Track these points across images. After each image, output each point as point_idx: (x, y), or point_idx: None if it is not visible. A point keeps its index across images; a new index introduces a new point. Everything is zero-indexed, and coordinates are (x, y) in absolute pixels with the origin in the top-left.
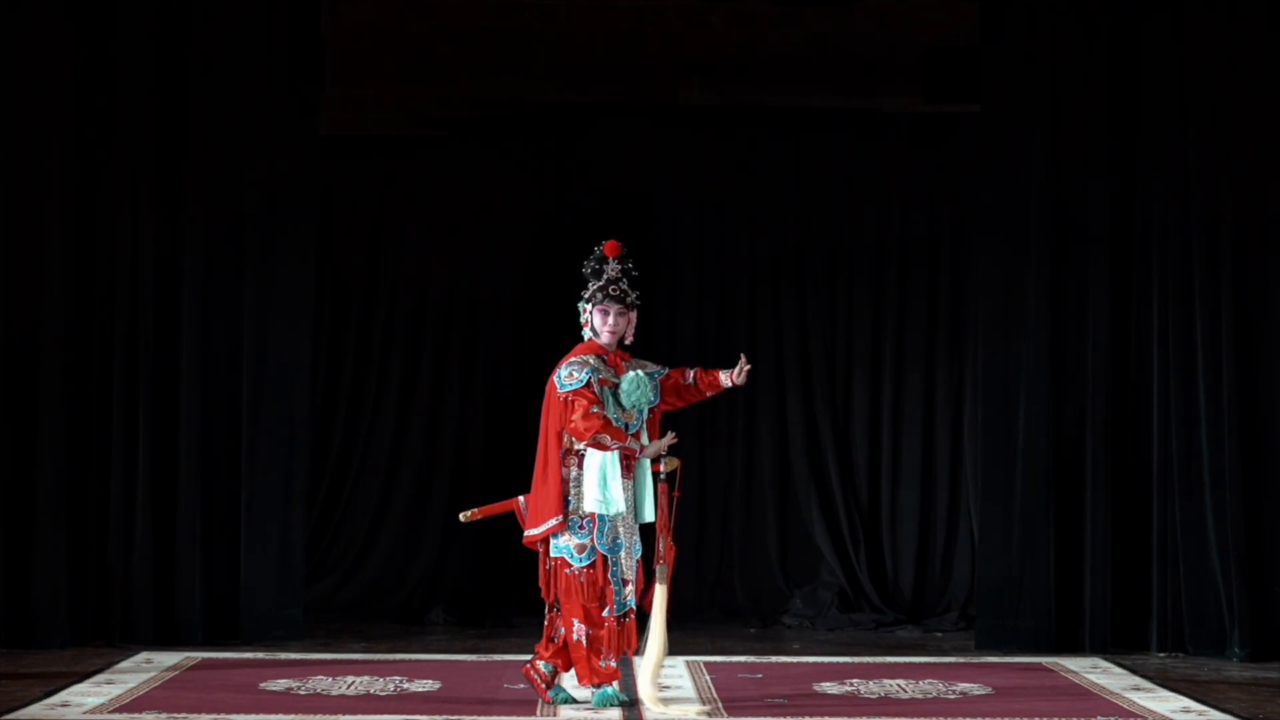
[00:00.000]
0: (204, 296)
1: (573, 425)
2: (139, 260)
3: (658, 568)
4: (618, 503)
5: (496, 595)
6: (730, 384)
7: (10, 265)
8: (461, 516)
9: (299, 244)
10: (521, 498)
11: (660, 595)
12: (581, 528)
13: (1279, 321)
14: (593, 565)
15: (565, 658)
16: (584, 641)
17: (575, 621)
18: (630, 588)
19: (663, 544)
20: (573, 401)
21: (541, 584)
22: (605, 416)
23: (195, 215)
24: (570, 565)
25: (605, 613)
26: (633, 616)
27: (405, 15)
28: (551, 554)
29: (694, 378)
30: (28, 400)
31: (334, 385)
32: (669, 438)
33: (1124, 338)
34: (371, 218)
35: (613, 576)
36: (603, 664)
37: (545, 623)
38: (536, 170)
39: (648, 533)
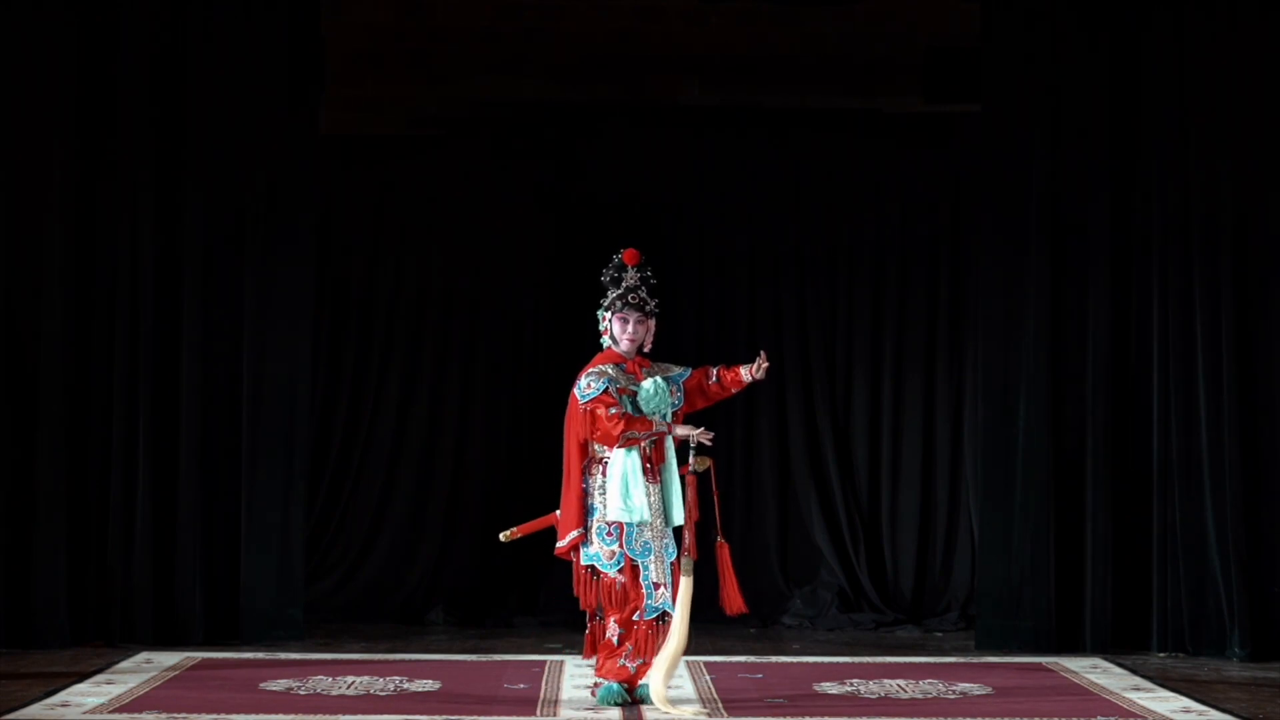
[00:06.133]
0: (204, 296)
1: (599, 434)
2: (139, 260)
3: (683, 560)
4: (640, 510)
5: (496, 595)
6: (751, 379)
7: (10, 265)
8: (501, 536)
9: (299, 244)
10: (558, 511)
11: (685, 587)
12: (610, 534)
13: (1279, 321)
14: (622, 571)
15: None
16: (614, 640)
17: (612, 622)
18: (662, 590)
19: (688, 537)
20: (592, 411)
21: (578, 593)
22: (625, 414)
23: (195, 215)
24: (602, 573)
25: (635, 617)
26: (668, 619)
27: (405, 15)
28: (582, 562)
29: (716, 375)
30: (28, 400)
31: (334, 385)
32: (700, 431)
33: (1124, 338)
34: (371, 218)
35: (643, 581)
36: (620, 663)
37: (587, 632)
38: (536, 170)
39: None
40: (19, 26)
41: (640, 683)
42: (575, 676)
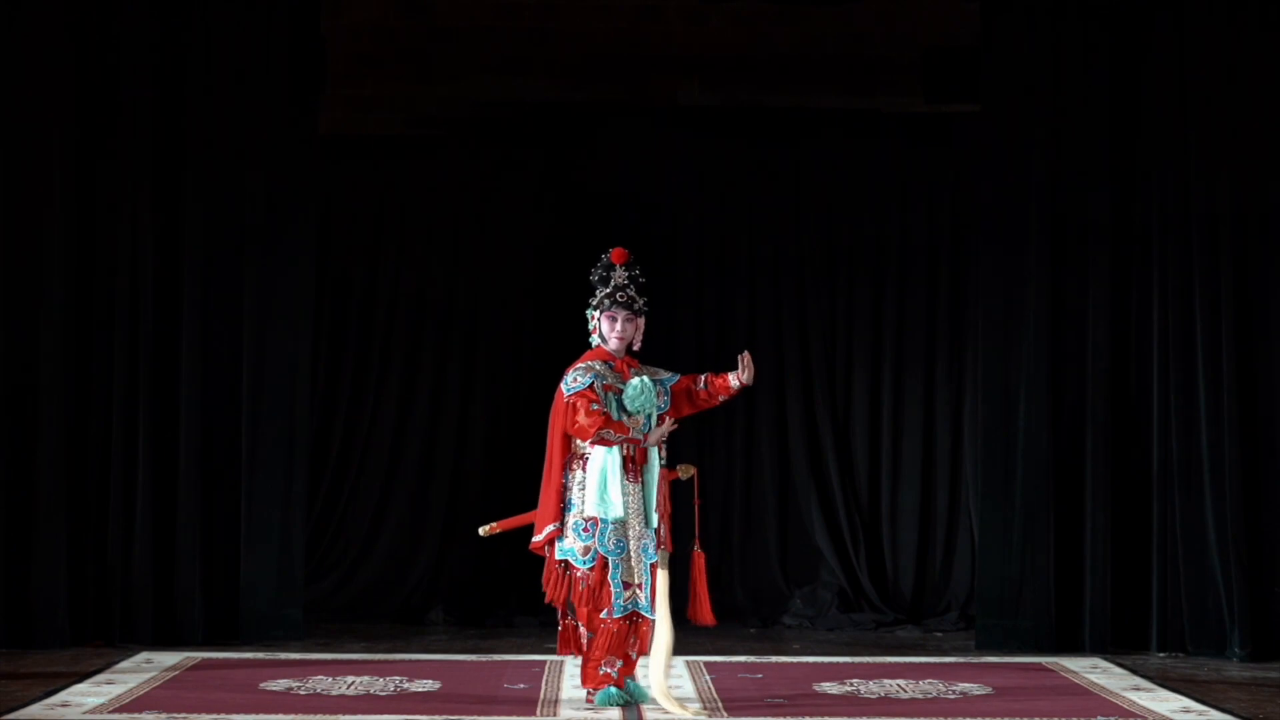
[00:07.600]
0: (204, 296)
1: (576, 426)
2: (139, 260)
3: (659, 553)
4: (616, 507)
5: (496, 595)
6: (738, 384)
7: (10, 266)
8: (481, 531)
9: (299, 244)
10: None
11: (661, 580)
12: (586, 530)
13: (1279, 321)
14: (595, 569)
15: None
16: (584, 644)
17: (581, 626)
18: (633, 591)
19: (663, 529)
20: (574, 404)
21: (545, 587)
22: (606, 413)
23: (195, 215)
24: (575, 568)
25: (604, 615)
26: (643, 619)
27: (405, 15)
28: (556, 557)
29: (705, 382)
30: (28, 400)
31: (334, 385)
32: (668, 424)
33: (1124, 337)
34: (371, 218)
35: (612, 579)
36: (603, 671)
37: (560, 629)
38: (536, 170)
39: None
40: (19, 26)
41: (636, 683)
42: (575, 676)
